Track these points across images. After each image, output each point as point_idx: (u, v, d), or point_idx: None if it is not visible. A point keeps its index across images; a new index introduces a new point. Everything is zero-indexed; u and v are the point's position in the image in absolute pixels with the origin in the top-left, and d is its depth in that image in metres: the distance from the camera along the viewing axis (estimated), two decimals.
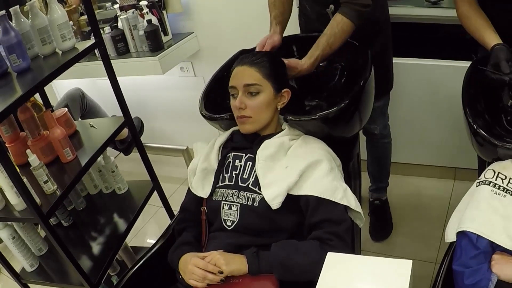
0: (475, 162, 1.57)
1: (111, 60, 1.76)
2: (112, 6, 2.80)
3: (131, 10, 2.56)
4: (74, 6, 2.88)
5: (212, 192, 1.39)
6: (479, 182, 1.23)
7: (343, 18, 1.49)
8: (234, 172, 1.38)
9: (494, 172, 1.21)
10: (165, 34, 2.66)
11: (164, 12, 2.64)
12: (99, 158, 1.93)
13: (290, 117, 1.40)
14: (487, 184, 1.20)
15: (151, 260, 1.49)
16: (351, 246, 1.40)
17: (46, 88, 1.89)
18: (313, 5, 1.76)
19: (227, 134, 1.50)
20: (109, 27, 2.63)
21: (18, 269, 1.81)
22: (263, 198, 1.28)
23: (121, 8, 2.66)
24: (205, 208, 1.41)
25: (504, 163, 1.23)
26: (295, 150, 1.36)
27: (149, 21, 2.50)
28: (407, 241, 2.19)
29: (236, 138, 1.47)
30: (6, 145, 1.64)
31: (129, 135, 2.60)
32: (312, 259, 1.19)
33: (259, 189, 1.31)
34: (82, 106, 2.65)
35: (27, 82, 1.45)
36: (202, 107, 1.53)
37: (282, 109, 1.43)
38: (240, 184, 1.35)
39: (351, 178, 1.55)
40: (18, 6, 1.51)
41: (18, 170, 1.36)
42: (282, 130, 1.43)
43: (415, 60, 2.23)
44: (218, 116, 1.50)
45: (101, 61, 1.72)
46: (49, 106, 2.04)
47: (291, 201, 1.28)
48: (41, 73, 1.49)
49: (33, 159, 1.46)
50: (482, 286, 1.08)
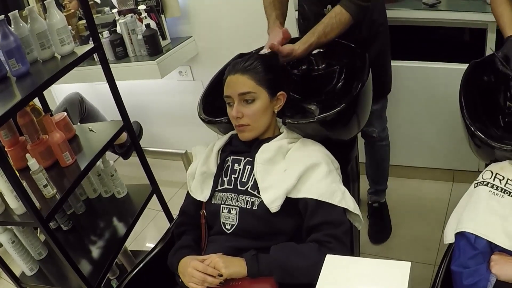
0: (473, 164, 1.57)
1: (110, 65, 1.76)
2: (111, 11, 2.81)
3: (130, 15, 2.56)
4: (73, 11, 2.89)
5: (211, 196, 1.40)
6: (477, 183, 1.23)
7: (342, 10, 1.51)
8: (233, 176, 1.39)
9: (492, 173, 1.21)
10: (164, 38, 2.66)
11: (163, 16, 2.64)
12: (98, 162, 1.93)
13: (288, 120, 1.40)
14: (485, 185, 1.20)
15: (151, 264, 1.49)
16: (350, 249, 1.40)
17: (45, 93, 1.90)
18: (311, 6, 1.77)
19: (226, 138, 1.50)
20: (108, 32, 2.63)
21: (18, 273, 1.80)
22: (262, 202, 1.28)
23: (120, 13, 2.67)
24: (204, 212, 1.41)
25: (502, 164, 1.23)
26: (294, 153, 1.36)
27: (148, 26, 2.50)
28: (406, 243, 2.19)
29: (235, 142, 1.47)
30: (6, 150, 1.64)
31: (128, 139, 2.59)
32: (311, 262, 1.19)
33: (258, 193, 1.31)
34: (81, 111, 2.65)
35: (26, 87, 1.45)
36: (201, 111, 1.54)
37: (280, 112, 1.44)
38: (239, 188, 1.36)
39: (350, 181, 1.55)
40: (17, 11, 1.51)
41: (18, 174, 1.36)
42: (280, 134, 1.43)
43: (413, 63, 2.24)
44: (217, 120, 1.50)
45: (100, 66, 1.72)
46: (48, 111, 2.04)
47: (290, 204, 1.28)
48: (40, 78, 1.49)
49: (33, 163, 1.47)
50: (481, 287, 1.08)
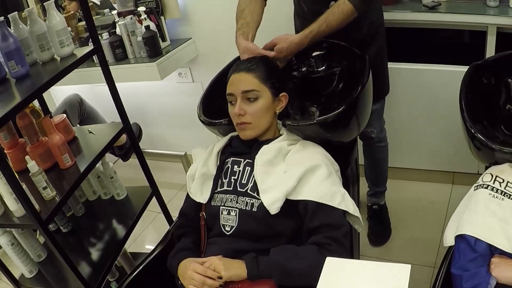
0: (473, 167, 1.57)
1: (110, 66, 1.75)
2: (110, 12, 2.81)
3: (129, 16, 2.56)
4: (72, 12, 2.89)
5: (211, 198, 1.39)
6: (477, 186, 1.23)
7: (346, 1, 1.51)
8: (233, 178, 1.38)
9: (492, 176, 1.21)
10: (163, 40, 2.66)
11: (162, 18, 2.64)
12: (98, 164, 1.93)
13: (289, 122, 1.40)
14: (485, 188, 1.20)
15: (150, 266, 1.49)
16: (350, 251, 1.40)
17: (45, 95, 1.89)
18: (311, 5, 1.76)
19: (226, 140, 1.50)
20: (107, 33, 2.63)
21: (17, 275, 1.80)
22: (262, 203, 1.28)
23: (119, 14, 2.67)
24: (204, 214, 1.41)
25: (502, 167, 1.24)
26: (294, 155, 1.36)
27: (147, 27, 2.50)
28: (406, 246, 2.18)
29: (235, 144, 1.48)
30: (5, 152, 1.63)
31: (128, 141, 2.59)
32: (311, 264, 1.19)
33: (258, 194, 1.31)
34: (81, 112, 2.65)
35: (26, 89, 1.45)
36: (201, 113, 1.54)
37: (280, 114, 1.44)
38: (239, 189, 1.36)
39: (350, 183, 1.55)
40: (17, 13, 1.51)
41: (17, 177, 1.35)
42: (281, 135, 1.43)
43: (413, 65, 2.24)
44: (217, 122, 1.50)
45: (100, 67, 1.72)
46: (48, 112, 2.04)
47: (290, 206, 1.28)
48: (40, 79, 1.49)
49: (32, 165, 1.46)
50: None
